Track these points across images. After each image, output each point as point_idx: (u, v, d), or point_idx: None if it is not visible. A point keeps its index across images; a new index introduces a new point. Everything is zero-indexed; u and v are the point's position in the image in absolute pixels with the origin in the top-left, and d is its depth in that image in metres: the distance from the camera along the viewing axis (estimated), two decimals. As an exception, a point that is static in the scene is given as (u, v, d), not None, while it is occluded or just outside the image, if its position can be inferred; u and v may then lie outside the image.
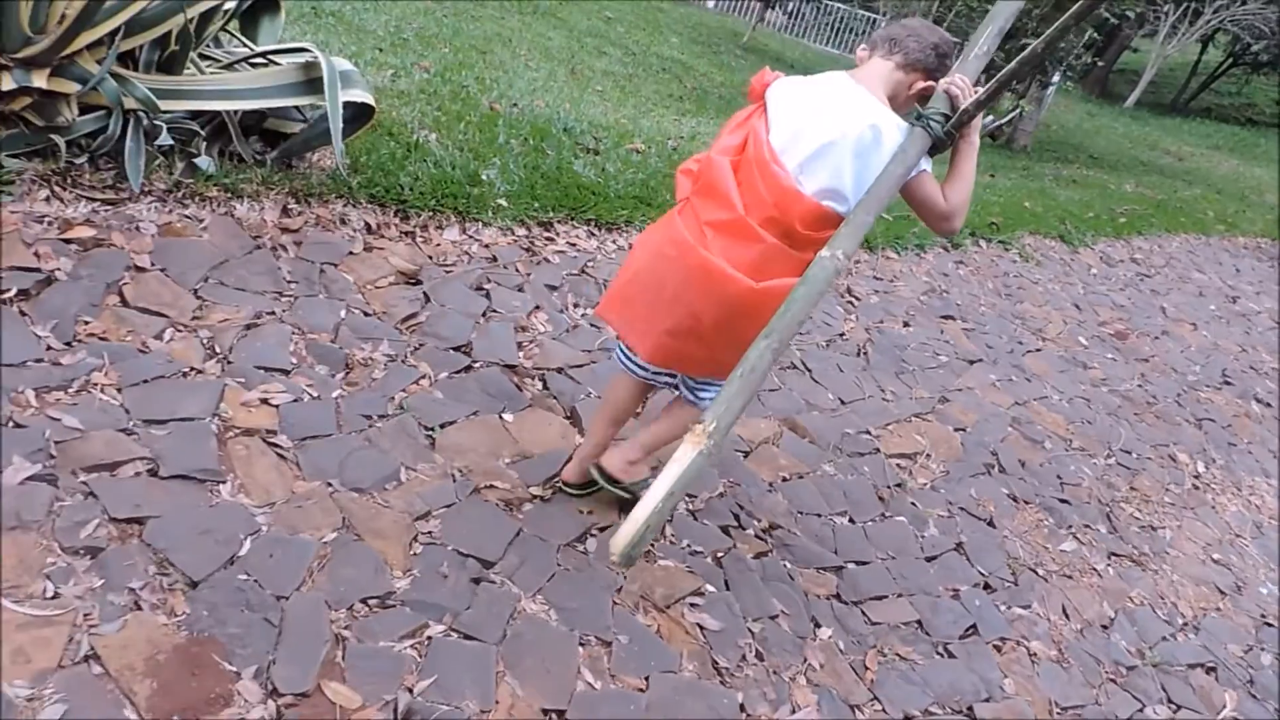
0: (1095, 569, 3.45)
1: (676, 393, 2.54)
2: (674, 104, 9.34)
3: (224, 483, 2.21)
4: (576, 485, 2.64)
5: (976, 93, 2.12)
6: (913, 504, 3.31)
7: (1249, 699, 3.12)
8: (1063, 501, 3.76)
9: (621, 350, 2.51)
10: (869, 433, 3.62)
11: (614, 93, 8.64)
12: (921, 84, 2.19)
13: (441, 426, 2.70)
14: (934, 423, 3.89)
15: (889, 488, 3.32)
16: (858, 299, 4.74)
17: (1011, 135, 14.00)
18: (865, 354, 4.26)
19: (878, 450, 3.52)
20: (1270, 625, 3.60)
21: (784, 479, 3.14)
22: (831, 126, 2.06)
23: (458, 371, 2.96)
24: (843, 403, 3.75)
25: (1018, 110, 12.80)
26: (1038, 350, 5.13)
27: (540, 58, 9.42)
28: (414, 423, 2.67)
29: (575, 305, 3.61)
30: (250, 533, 2.11)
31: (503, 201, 3.93)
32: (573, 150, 4.76)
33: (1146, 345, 5.93)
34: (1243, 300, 7.90)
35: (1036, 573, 3.27)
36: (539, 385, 3.08)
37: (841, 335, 4.30)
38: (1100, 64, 20.94)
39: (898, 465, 3.50)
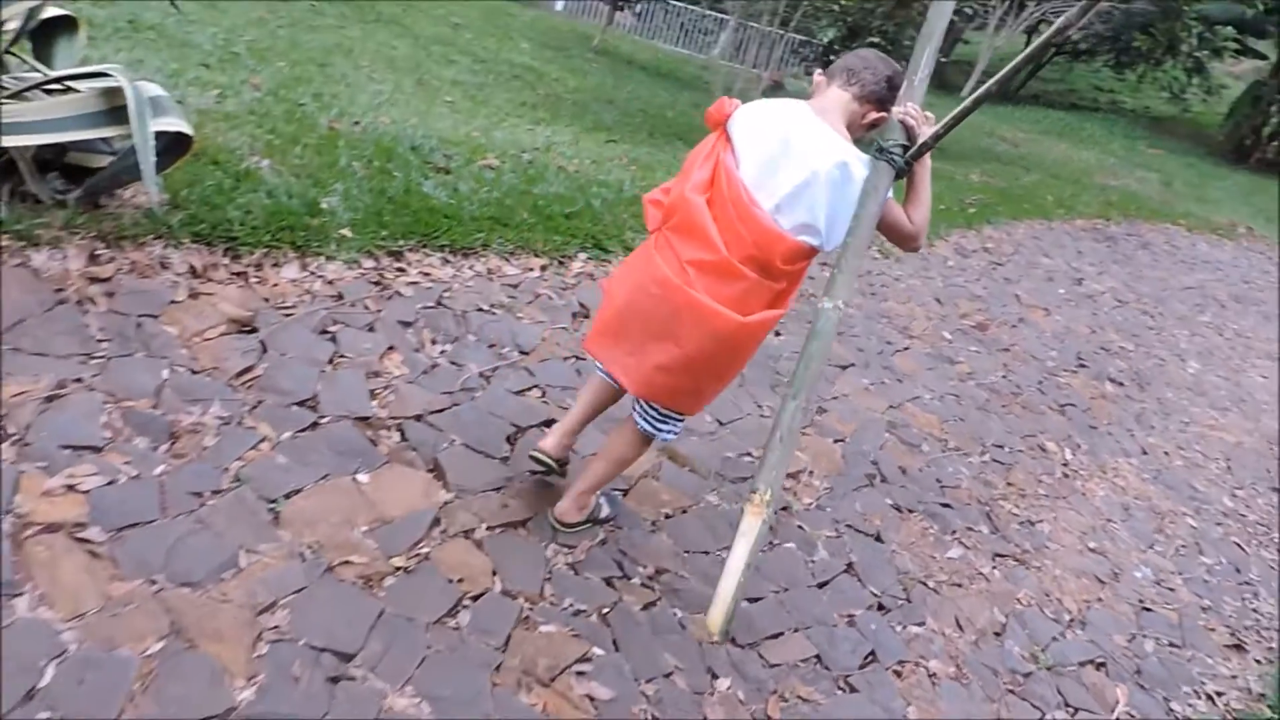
0: (982, 573, 3.43)
1: (629, 419, 2.58)
2: (527, 113, 9.10)
3: (20, 595, 1.88)
4: (554, 459, 2.69)
5: (929, 118, 2.28)
6: (800, 527, 3.21)
7: (1139, 691, 3.15)
8: (945, 506, 3.74)
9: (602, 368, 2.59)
10: (750, 454, 3.50)
11: (464, 103, 8.34)
12: (875, 115, 2.35)
13: (286, 496, 2.41)
14: (813, 436, 3.81)
15: (774, 513, 3.21)
16: (728, 310, 4.63)
17: (861, 129, 14.33)
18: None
19: (761, 473, 3.40)
20: (1148, 609, 3.67)
21: (667, 515, 2.97)
22: (804, 166, 2.20)
23: (303, 430, 2.67)
24: (720, 424, 3.62)
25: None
26: (905, 349, 5.15)
27: (385, 69, 9.02)
28: (253, 495, 2.37)
29: (433, 342, 3.35)
30: (54, 655, 1.79)
31: (346, 231, 3.63)
32: (422, 170, 4.48)
33: (1006, 334, 6.07)
34: (1087, 281, 8.24)
35: (927, 585, 3.22)
36: (396, 437, 2.81)
37: (715, 350, 4.19)
38: (939, 58, 21.78)
39: (782, 487, 3.38)
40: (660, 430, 2.54)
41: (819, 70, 2.47)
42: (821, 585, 2.98)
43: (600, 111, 11.07)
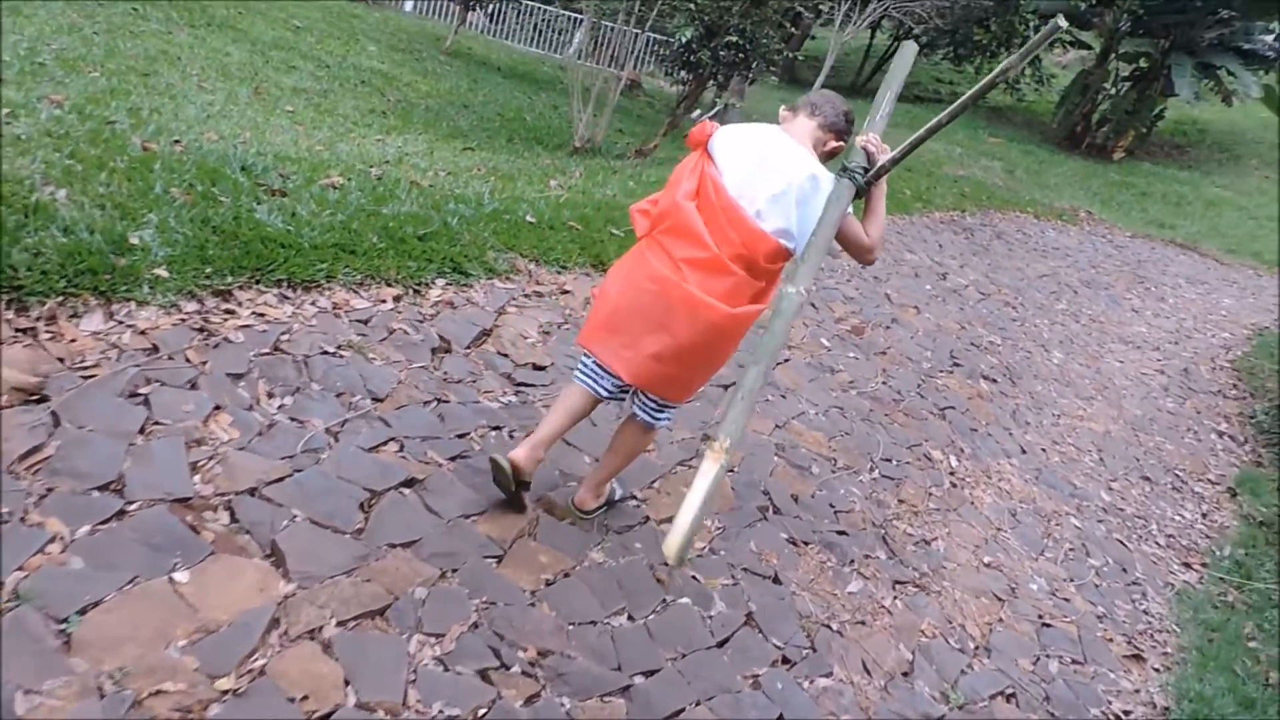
0: (884, 606, 3.26)
1: (632, 416, 2.87)
2: (376, 120, 8.58)
3: None
4: (520, 478, 2.74)
5: (886, 149, 2.61)
6: (694, 578, 2.94)
7: (1049, 720, 3.03)
8: (840, 534, 3.55)
9: (586, 369, 2.81)
10: (635, 497, 3.21)
11: (307, 113, 7.77)
12: (834, 144, 2.72)
13: (81, 613, 1.98)
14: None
15: (666, 564, 2.93)
16: (602, 332, 4.34)
17: (721, 128, 14.32)
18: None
19: (648, 519, 3.12)
20: (1048, 625, 3.58)
21: (548, 582, 2.65)
22: (780, 178, 2.51)
23: (105, 522, 2.22)
24: (602, 464, 3.33)
25: (723, 105, 13.03)
26: (786, 361, 4.98)
27: (218, 77, 8.34)
28: (38, 616, 1.93)
29: (270, 396, 2.92)
30: None
31: (162, 271, 3.16)
32: (254, 193, 4.00)
33: (880, 337, 6.00)
34: (951, 276, 8.34)
35: (830, 628, 3.01)
36: (224, 519, 2.39)
37: (590, 379, 3.88)
38: (790, 54, 22.13)
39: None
40: (658, 419, 2.83)
41: (783, 106, 2.82)
42: (722, 644, 2.72)
43: (455, 117, 10.61)
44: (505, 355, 3.74)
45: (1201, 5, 18.56)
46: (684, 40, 9.46)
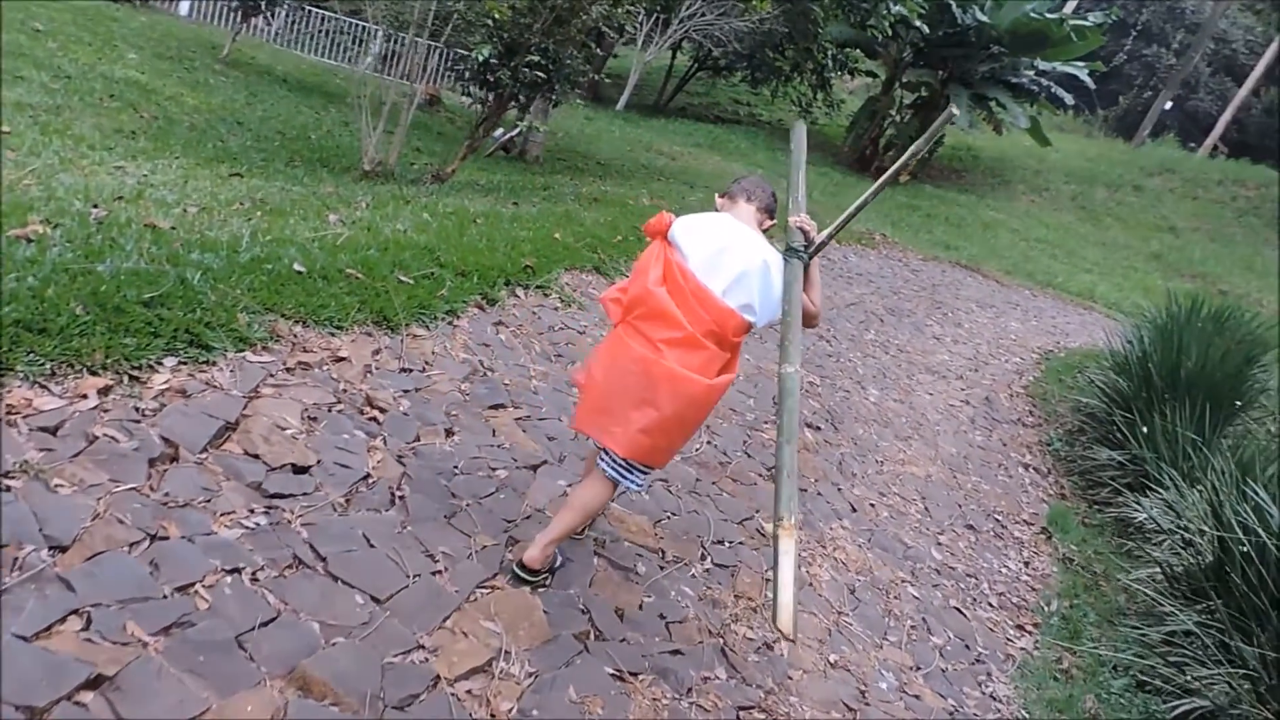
0: (729, 748, 2.74)
1: (600, 473, 2.98)
2: (122, 143, 7.41)
3: None
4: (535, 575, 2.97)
5: (815, 227, 3.01)
6: (499, 760, 2.31)
7: None
8: (675, 653, 3.01)
9: (603, 456, 2.94)
10: (422, 646, 2.53)
11: (27, 135, 6.52)
12: (769, 222, 3.09)
13: None
14: (504, 590, 2.92)
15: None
16: (382, 411, 3.61)
17: (524, 148, 13.74)
18: (401, 499, 3.15)
19: (438, 679, 2.44)
20: (902, 737, 3.19)
21: (295, 813, 1.95)
22: (740, 260, 2.83)
23: None
24: (378, 602, 2.61)
25: (526, 125, 12.45)
26: (602, 426, 4.43)
27: (-89, 88, 6.94)
28: None
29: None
30: None
31: None
32: (-95, 252, 3.05)
33: (701, 386, 5.57)
34: (764, 309, 8.09)
35: (669, 796, 2.46)
36: None
37: (366, 479, 3.15)
38: (594, 74, 21.84)
39: (468, 693, 2.46)
40: (627, 478, 2.94)
41: (718, 194, 3.17)
42: None
43: (226, 136, 9.49)
44: (255, 457, 2.97)
45: (975, 41, 19.69)
46: (481, 58, 8.78)
